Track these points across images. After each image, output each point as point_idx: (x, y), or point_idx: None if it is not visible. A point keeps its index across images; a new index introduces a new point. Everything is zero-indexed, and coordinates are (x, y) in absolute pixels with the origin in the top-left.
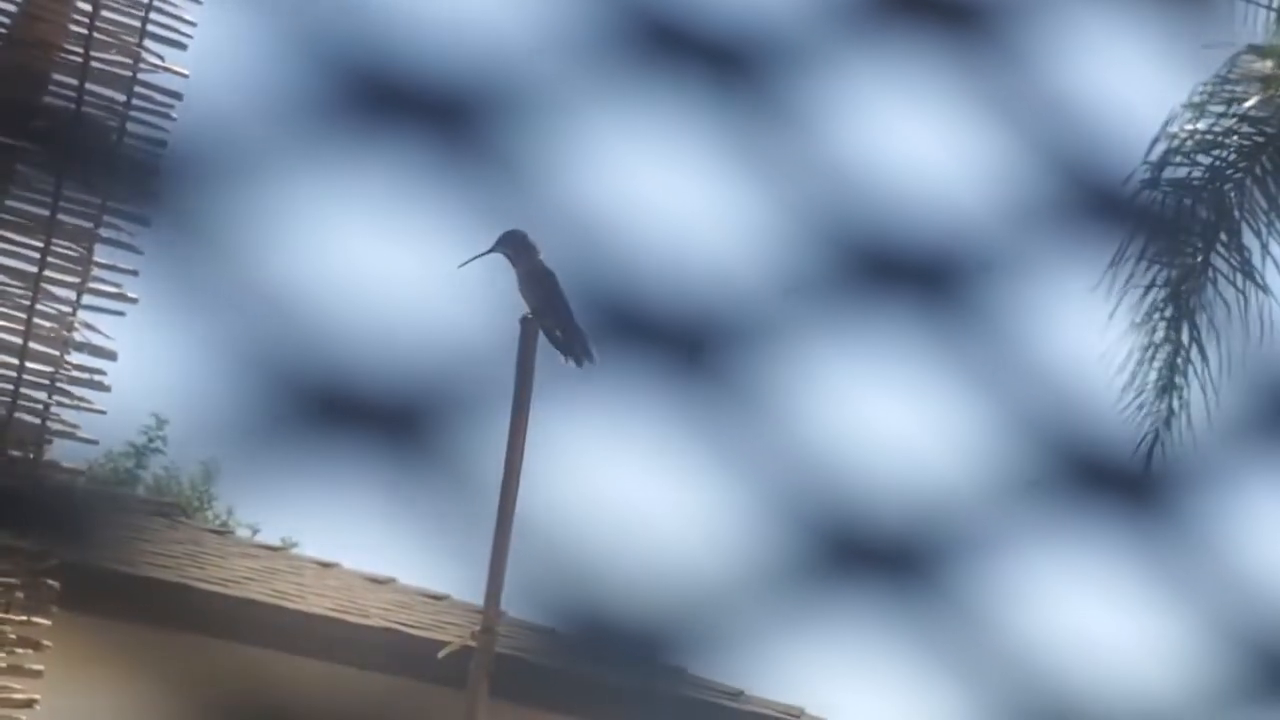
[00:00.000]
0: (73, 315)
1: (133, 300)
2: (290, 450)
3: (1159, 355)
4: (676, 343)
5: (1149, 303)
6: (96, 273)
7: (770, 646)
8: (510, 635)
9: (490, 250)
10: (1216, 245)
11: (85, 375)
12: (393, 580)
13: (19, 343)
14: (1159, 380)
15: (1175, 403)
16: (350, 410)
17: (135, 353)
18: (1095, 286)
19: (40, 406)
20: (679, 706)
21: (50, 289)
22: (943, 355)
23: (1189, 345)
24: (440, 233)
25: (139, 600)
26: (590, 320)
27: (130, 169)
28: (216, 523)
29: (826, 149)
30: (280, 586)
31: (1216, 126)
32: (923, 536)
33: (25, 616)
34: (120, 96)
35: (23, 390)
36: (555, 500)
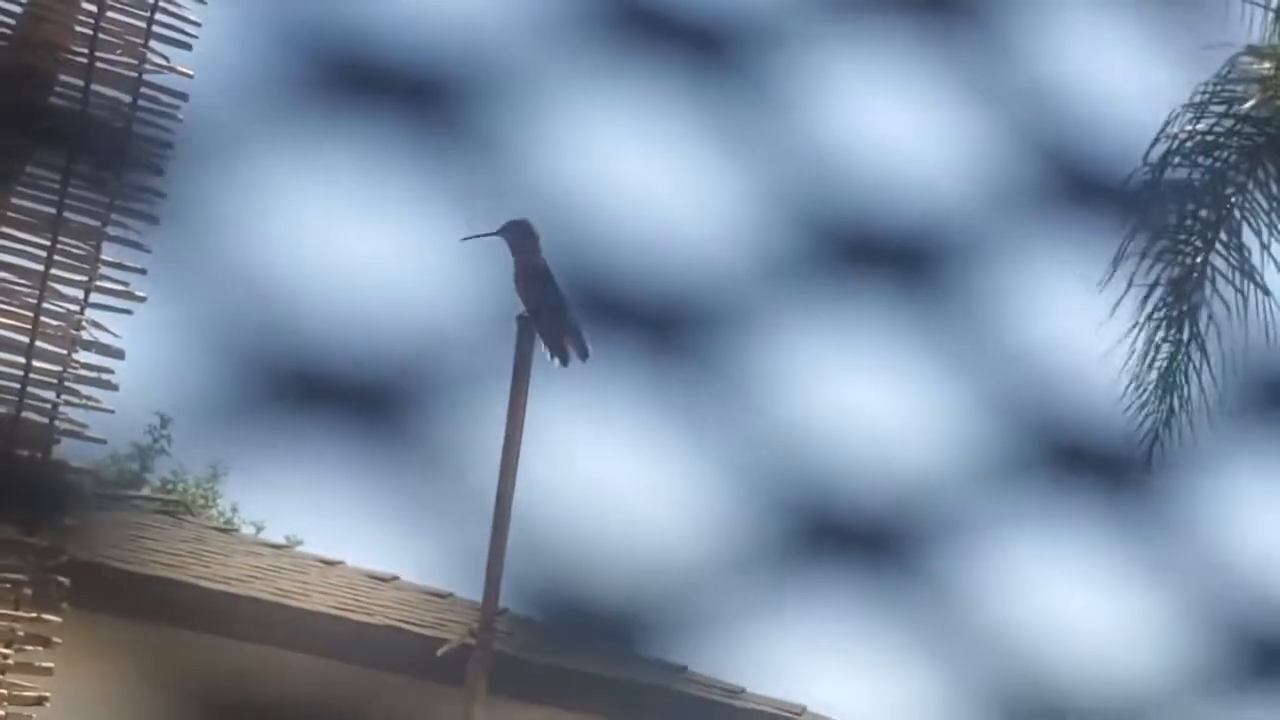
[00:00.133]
0: (80, 314)
1: (140, 298)
2: (290, 448)
3: (1159, 355)
4: (654, 325)
5: (1149, 302)
6: (104, 271)
7: (766, 642)
8: (509, 632)
9: (494, 233)
10: (1216, 245)
11: (93, 374)
12: (396, 578)
13: (26, 341)
14: (1159, 380)
15: (1175, 402)
16: (347, 406)
17: (142, 352)
18: (1095, 286)
19: (48, 406)
20: (679, 704)
21: (57, 287)
22: (920, 338)
23: (1189, 345)
24: (430, 218)
25: (143, 598)
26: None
27: (136, 168)
28: (221, 520)
29: (806, 132)
30: (284, 584)
31: (1217, 127)
32: (903, 520)
33: (35, 614)
34: (125, 97)
35: (30, 389)
36: (545, 492)
